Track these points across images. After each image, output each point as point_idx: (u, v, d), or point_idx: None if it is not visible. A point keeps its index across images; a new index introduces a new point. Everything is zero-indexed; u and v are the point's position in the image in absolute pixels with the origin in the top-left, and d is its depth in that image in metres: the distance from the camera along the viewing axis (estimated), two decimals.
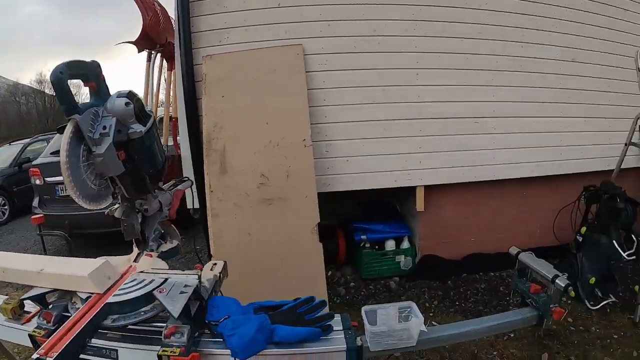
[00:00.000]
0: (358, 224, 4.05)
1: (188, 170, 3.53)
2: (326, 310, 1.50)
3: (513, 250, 2.21)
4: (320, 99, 3.45)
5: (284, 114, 3.34)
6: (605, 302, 3.78)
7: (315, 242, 3.29)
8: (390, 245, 3.99)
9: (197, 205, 3.31)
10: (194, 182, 3.25)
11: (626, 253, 3.62)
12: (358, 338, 1.42)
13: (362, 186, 3.59)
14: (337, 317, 1.52)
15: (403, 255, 3.96)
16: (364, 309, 1.53)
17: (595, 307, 3.73)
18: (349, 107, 3.51)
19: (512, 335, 3.33)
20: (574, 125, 4.23)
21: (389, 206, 4.42)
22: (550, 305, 1.80)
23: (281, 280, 3.13)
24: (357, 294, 3.77)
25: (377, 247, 4.03)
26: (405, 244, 4.02)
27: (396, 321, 1.47)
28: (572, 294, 3.71)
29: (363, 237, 3.98)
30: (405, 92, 3.59)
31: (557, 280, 1.80)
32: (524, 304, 1.98)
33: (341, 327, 1.47)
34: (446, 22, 3.68)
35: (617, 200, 3.65)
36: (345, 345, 1.36)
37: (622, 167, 4.17)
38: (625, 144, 3.87)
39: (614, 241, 3.64)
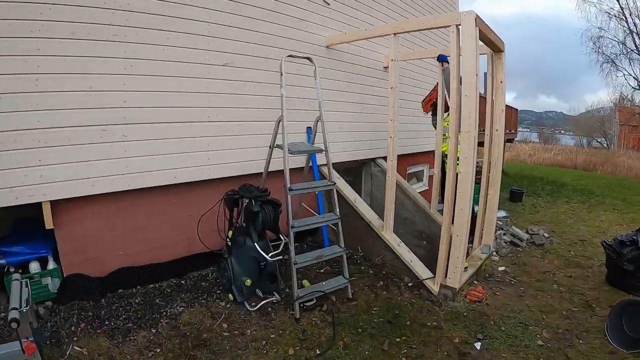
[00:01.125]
0: None
1: None
2: None
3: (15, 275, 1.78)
4: None
5: None
6: (265, 301, 3.78)
7: None
8: (34, 267, 3.47)
9: None
10: None
11: (270, 254, 3.64)
12: None
13: None
14: None
15: (50, 277, 3.46)
16: None
17: (254, 309, 3.68)
18: None
19: (157, 350, 3.07)
20: (226, 129, 4.21)
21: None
22: (21, 340, 1.58)
23: None
24: (4, 325, 3.16)
25: (21, 270, 3.45)
26: (51, 265, 3.52)
27: None
28: (231, 297, 3.52)
29: (2, 261, 3.39)
30: (20, 100, 3.09)
31: (9, 314, 1.59)
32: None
33: None
34: (74, 22, 3.26)
35: (253, 203, 3.54)
36: None
37: (280, 168, 4.18)
38: (270, 147, 3.80)
39: (256, 243, 3.65)
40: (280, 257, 3.67)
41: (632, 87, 18.28)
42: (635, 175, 17.81)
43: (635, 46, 17.20)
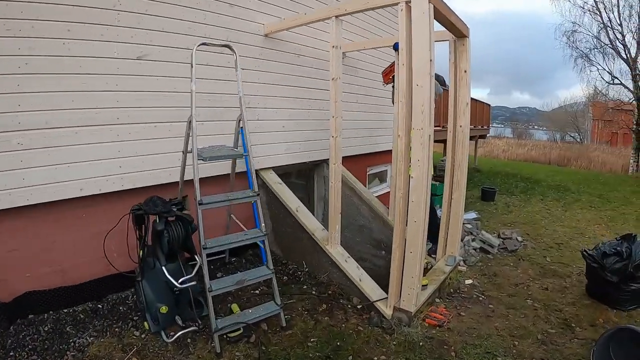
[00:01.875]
0: None
1: None
2: None
3: None
4: None
5: None
6: (184, 331, 3.16)
7: None
8: None
9: None
10: None
11: (181, 280, 3.01)
12: None
13: None
14: None
15: None
16: None
17: (171, 340, 3.09)
18: None
19: None
20: (140, 132, 3.62)
21: None
22: None
23: None
24: None
25: None
26: None
27: None
28: (147, 325, 3.21)
29: None
30: None
31: None
32: None
33: None
34: None
35: (157, 220, 2.88)
36: None
37: (206, 175, 3.82)
38: (183, 152, 3.14)
39: (164, 267, 3.03)
40: (193, 282, 3.01)
41: (606, 82, 18.14)
42: (609, 170, 17.74)
43: (610, 40, 17.08)
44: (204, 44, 3.16)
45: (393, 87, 5.09)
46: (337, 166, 3.86)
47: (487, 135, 18.53)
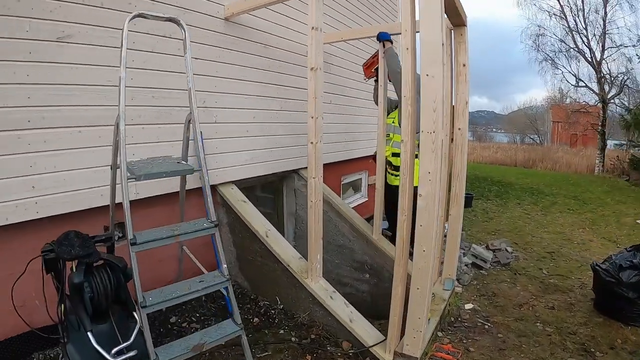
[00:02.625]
0: None
1: None
2: None
3: None
4: None
5: None
6: None
7: None
8: None
9: None
10: None
11: (116, 350, 2.06)
12: None
13: None
14: None
15: None
16: None
17: None
18: None
19: None
20: (60, 139, 2.77)
21: None
22: None
23: None
24: None
25: None
26: None
27: None
28: None
29: None
30: None
31: None
32: None
33: None
34: None
35: (74, 268, 2.02)
36: None
37: (144, 196, 3.07)
38: (111, 167, 2.33)
39: (90, 333, 2.06)
40: (133, 352, 2.12)
41: (572, 85, 18.49)
42: (575, 171, 17.93)
43: (575, 44, 17.39)
44: (141, 15, 2.30)
45: (376, 80, 4.42)
46: (317, 180, 3.11)
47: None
